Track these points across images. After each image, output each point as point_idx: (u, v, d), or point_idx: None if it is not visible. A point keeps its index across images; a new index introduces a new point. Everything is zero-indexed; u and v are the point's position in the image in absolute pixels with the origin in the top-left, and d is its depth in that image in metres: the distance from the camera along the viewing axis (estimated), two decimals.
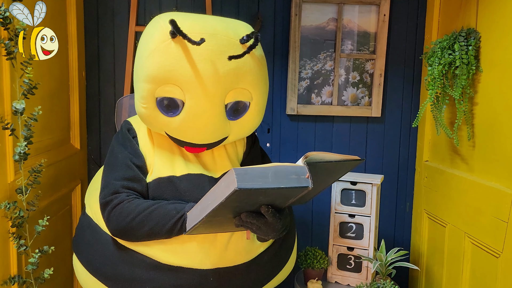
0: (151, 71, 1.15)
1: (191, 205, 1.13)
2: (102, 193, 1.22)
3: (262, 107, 1.28)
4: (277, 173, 0.91)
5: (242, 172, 0.88)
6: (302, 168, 0.94)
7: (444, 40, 1.73)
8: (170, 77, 1.13)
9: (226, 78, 1.14)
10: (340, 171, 1.19)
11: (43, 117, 1.53)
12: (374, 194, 1.79)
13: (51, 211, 1.64)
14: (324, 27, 2.10)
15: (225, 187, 0.90)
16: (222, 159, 1.32)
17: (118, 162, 1.25)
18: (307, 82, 2.13)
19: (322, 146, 2.18)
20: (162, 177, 1.22)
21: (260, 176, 0.89)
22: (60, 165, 1.74)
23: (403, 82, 2.17)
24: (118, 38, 2.07)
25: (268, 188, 0.89)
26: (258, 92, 1.23)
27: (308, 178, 0.92)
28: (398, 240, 2.25)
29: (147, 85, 1.16)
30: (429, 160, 2.09)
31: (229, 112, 1.21)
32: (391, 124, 2.19)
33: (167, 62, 1.12)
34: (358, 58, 2.13)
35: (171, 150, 1.28)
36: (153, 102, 1.18)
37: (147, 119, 1.23)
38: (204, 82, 1.12)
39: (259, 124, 1.31)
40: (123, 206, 1.16)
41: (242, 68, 1.16)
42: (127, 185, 1.20)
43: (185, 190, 1.21)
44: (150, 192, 1.22)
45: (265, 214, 1.00)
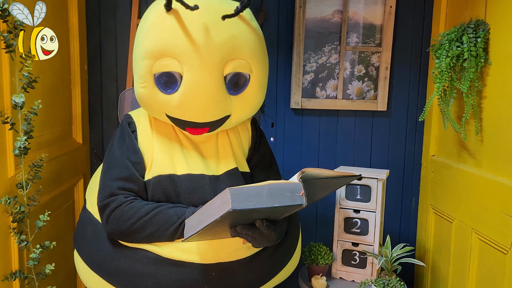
0: (148, 46, 1.14)
1: (191, 211, 1.13)
2: (99, 195, 1.21)
3: (263, 82, 1.25)
4: (272, 191, 0.93)
5: (237, 192, 0.91)
6: (297, 185, 0.96)
7: (452, 32, 1.69)
8: (167, 50, 1.12)
9: (223, 47, 1.12)
10: (336, 185, 1.21)
11: (44, 112, 1.53)
12: (380, 189, 1.76)
13: (53, 206, 1.63)
14: (329, 19, 2.07)
15: (220, 205, 0.93)
16: (226, 152, 1.29)
17: (115, 160, 1.23)
18: (312, 75, 2.10)
19: (327, 140, 2.16)
20: (162, 175, 1.20)
21: (254, 195, 0.92)
22: (62, 159, 1.73)
23: (410, 75, 2.14)
24: (120, 31, 2.05)
25: (262, 208, 0.92)
26: (257, 65, 1.20)
27: (303, 196, 0.94)
28: (403, 235, 2.22)
29: (144, 61, 1.15)
30: (435, 155, 2.06)
31: (229, 85, 1.18)
32: (397, 118, 2.16)
33: (163, 34, 1.12)
34: (364, 51, 2.09)
35: (171, 146, 1.26)
36: (151, 80, 1.16)
37: (146, 100, 1.20)
38: (200, 52, 1.11)
39: (261, 102, 1.28)
40: (122, 210, 1.15)
41: (239, 38, 1.15)
42: (123, 186, 1.19)
43: (186, 192, 1.20)
44: (150, 190, 1.20)
45: (260, 227, 1.03)
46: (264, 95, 1.28)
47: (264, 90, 1.27)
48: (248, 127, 1.39)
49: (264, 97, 1.28)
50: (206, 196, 1.20)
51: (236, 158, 1.31)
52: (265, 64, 1.25)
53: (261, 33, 1.24)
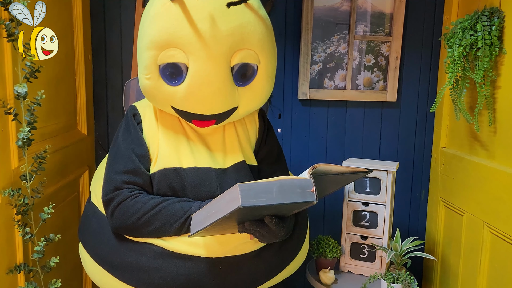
0: (152, 36, 1.11)
1: (197, 205, 1.11)
2: (103, 189, 1.18)
3: (271, 73, 1.21)
4: (282, 187, 0.92)
5: (247, 188, 0.89)
6: (308, 181, 0.94)
7: (465, 20, 1.64)
8: (172, 40, 1.08)
9: (230, 37, 1.09)
10: (346, 181, 1.19)
11: (48, 102, 1.51)
12: (390, 182, 1.73)
13: (58, 198, 1.62)
14: (337, 8, 2.02)
15: (229, 201, 0.91)
16: (233, 144, 1.26)
17: (120, 152, 1.21)
18: (320, 65, 2.06)
19: (335, 131, 2.13)
20: (168, 168, 1.18)
21: (264, 192, 0.90)
22: (66, 151, 1.71)
23: (420, 65, 2.09)
24: (125, 21, 2.02)
25: (272, 205, 0.91)
26: (265, 55, 1.16)
27: (314, 192, 0.93)
28: (412, 228, 2.19)
29: (149, 52, 1.12)
30: (446, 147, 2.02)
31: (236, 76, 1.14)
32: (407, 109, 2.12)
33: (168, 24, 1.09)
34: (373, 40, 2.05)
35: (177, 138, 1.23)
36: (156, 71, 1.13)
37: (151, 92, 1.17)
38: (206, 42, 1.07)
39: (269, 93, 1.24)
40: (127, 205, 1.13)
41: (247, 27, 1.11)
42: (128, 179, 1.16)
43: (192, 185, 1.17)
44: (155, 183, 1.18)
45: (268, 224, 1.01)
46: (272, 86, 1.24)
47: (272, 81, 1.23)
48: (256, 119, 1.35)
49: (272, 88, 1.25)
50: (213, 190, 1.17)
51: (243, 151, 1.27)
52: (273, 54, 1.20)
53: (270, 22, 1.20)
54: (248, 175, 1.23)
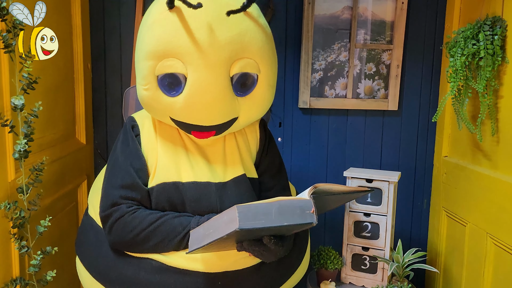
0: (150, 45, 1.08)
1: (196, 220, 1.10)
2: (101, 205, 1.16)
3: (272, 82, 1.19)
4: (281, 208, 0.91)
5: (245, 210, 0.88)
6: (308, 202, 0.93)
7: (467, 29, 1.62)
8: (170, 49, 1.06)
9: (229, 46, 1.06)
10: (347, 199, 1.17)
11: (46, 112, 1.50)
12: (391, 192, 1.71)
13: (56, 208, 1.60)
14: (338, 16, 2.01)
15: (227, 222, 0.90)
16: (233, 156, 1.24)
17: (117, 166, 1.19)
18: (321, 74, 2.05)
19: (336, 140, 2.11)
20: (167, 182, 1.16)
21: (263, 213, 0.89)
22: (65, 160, 1.69)
23: (422, 74, 2.08)
24: (124, 28, 2.01)
25: (270, 227, 0.90)
26: (265, 64, 1.14)
27: (313, 214, 0.92)
28: (414, 238, 2.17)
29: (147, 62, 1.09)
30: (448, 156, 2.00)
31: (236, 86, 1.12)
32: (409, 118, 2.10)
33: (166, 33, 1.06)
34: (374, 49, 2.03)
35: (176, 151, 1.21)
36: (154, 82, 1.11)
37: (149, 103, 1.15)
38: (205, 51, 1.04)
39: (270, 103, 1.22)
40: (126, 221, 1.11)
41: (246, 36, 1.08)
42: (125, 194, 1.14)
43: (191, 200, 1.15)
44: (153, 198, 1.15)
45: (267, 244, 0.99)
46: (273, 95, 1.22)
47: (273, 90, 1.21)
48: (256, 129, 1.33)
49: (273, 98, 1.22)
50: (212, 205, 1.16)
51: (244, 163, 1.25)
52: (274, 63, 1.18)
53: (270, 30, 1.18)
54: (248, 189, 1.21)
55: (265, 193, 1.27)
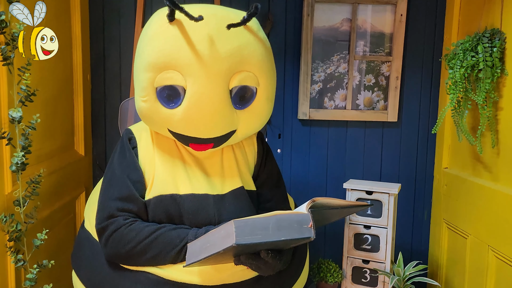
0: (149, 57, 1.08)
1: (194, 233, 1.08)
2: (97, 217, 1.15)
3: (271, 96, 1.19)
4: (279, 222, 0.90)
5: (242, 225, 0.87)
6: (306, 216, 0.92)
7: (466, 41, 1.63)
8: (169, 61, 1.06)
9: (229, 59, 1.06)
10: (346, 213, 1.17)
11: (44, 123, 1.49)
12: (391, 204, 1.69)
13: (54, 220, 1.58)
14: (337, 27, 2.02)
15: (224, 236, 0.89)
16: (231, 169, 1.23)
17: (114, 178, 1.17)
18: (320, 85, 2.05)
19: (336, 152, 2.11)
20: (164, 194, 1.14)
21: (260, 228, 0.88)
22: (63, 172, 1.68)
23: (421, 85, 2.08)
24: (124, 40, 2.01)
25: (267, 242, 0.89)
26: (264, 77, 1.13)
27: (311, 228, 0.91)
28: (415, 250, 2.15)
29: (146, 74, 1.09)
30: (448, 167, 1.99)
31: (235, 99, 1.11)
32: (408, 129, 2.10)
33: (165, 46, 1.06)
34: (373, 60, 2.04)
35: (173, 163, 1.20)
36: (153, 94, 1.10)
37: (148, 114, 1.14)
38: (204, 63, 1.04)
39: (268, 116, 1.22)
40: (122, 233, 1.09)
41: (246, 49, 1.08)
42: (122, 206, 1.13)
43: (189, 212, 1.14)
44: (150, 210, 1.14)
45: (265, 258, 0.98)
46: (271, 108, 1.22)
47: (271, 104, 1.21)
48: (254, 142, 1.32)
49: (271, 111, 1.22)
50: (210, 217, 1.14)
51: (242, 176, 1.24)
52: (272, 77, 1.18)
53: (269, 44, 1.18)
54: (246, 201, 1.20)
55: (263, 205, 1.26)
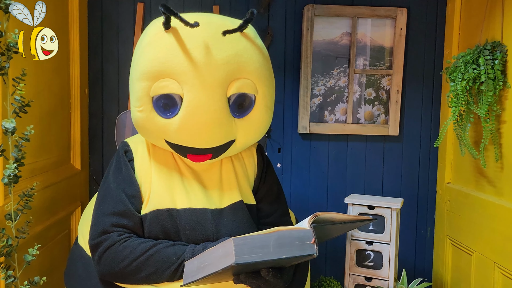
0: (144, 66, 1.05)
1: (191, 250, 1.04)
2: (90, 232, 1.10)
3: (270, 104, 1.16)
4: (280, 240, 0.87)
5: (241, 243, 0.84)
6: (308, 232, 0.88)
7: (467, 54, 1.61)
8: (165, 69, 1.03)
9: (226, 65, 1.03)
10: (350, 227, 1.14)
11: (40, 136, 1.46)
12: (394, 219, 1.65)
13: (47, 236, 1.54)
14: (337, 41, 2.01)
15: (223, 255, 0.86)
16: (230, 182, 1.19)
17: (109, 192, 1.13)
18: (320, 99, 2.03)
19: (336, 166, 2.08)
20: (160, 209, 1.10)
21: (260, 246, 0.85)
22: (58, 186, 1.64)
23: (422, 99, 2.07)
24: (122, 54, 2.00)
25: (268, 260, 0.86)
26: (263, 84, 1.11)
27: (314, 244, 0.87)
28: (418, 267, 2.10)
29: (141, 83, 1.06)
30: (451, 182, 1.96)
31: (233, 107, 1.08)
32: (410, 143, 2.08)
33: (161, 53, 1.03)
34: (374, 74, 2.03)
35: (170, 176, 1.16)
36: (149, 103, 1.07)
37: (144, 125, 1.11)
38: (201, 71, 1.02)
39: (267, 125, 1.19)
40: (116, 250, 1.05)
41: (243, 56, 1.06)
42: (117, 222, 1.09)
43: (186, 228, 1.09)
44: (146, 225, 1.10)
45: (265, 277, 0.94)
46: (271, 117, 1.19)
47: (271, 112, 1.18)
48: (254, 155, 1.29)
49: (271, 120, 1.19)
50: (208, 233, 1.10)
51: (241, 189, 1.21)
52: (271, 84, 1.16)
53: (266, 51, 1.16)
54: (246, 216, 1.16)
55: (263, 220, 1.22)
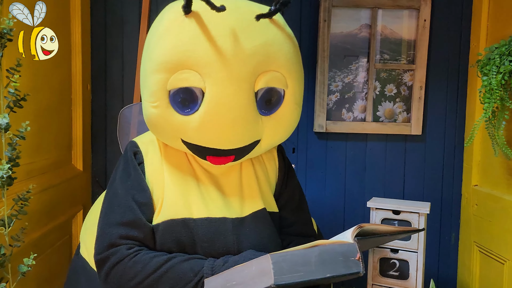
0: (162, 56, 0.93)
1: (210, 265, 0.92)
2: (96, 245, 0.99)
3: (299, 100, 1.04)
4: (322, 256, 0.79)
5: (280, 260, 0.76)
6: (352, 247, 0.80)
7: (502, 46, 1.49)
8: (185, 60, 0.91)
9: (255, 56, 0.92)
10: (390, 239, 1.07)
11: (37, 135, 1.37)
12: (422, 225, 1.53)
13: (46, 242, 1.44)
14: (356, 34, 1.91)
15: (257, 274, 0.78)
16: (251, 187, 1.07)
17: (117, 200, 1.02)
18: (337, 95, 1.93)
19: (354, 167, 1.97)
20: (175, 219, 0.98)
21: (302, 263, 0.77)
22: (58, 189, 1.54)
23: (446, 96, 1.95)
24: (127, 48, 1.90)
25: (311, 280, 0.78)
26: (293, 78, 0.99)
27: (359, 261, 0.79)
28: (442, 276, 1.98)
29: (157, 75, 0.94)
30: (478, 185, 1.84)
31: (261, 103, 0.97)
32: (433, 143, 1.97)
33: (181, 42, 0.91)
34: (395, 69, 1.92)
35: (185, 181, 1.04)
36: (165, 98, 0.95)
37: (158, 122, 0.99)
38: (227, 62, 0.90)
39: (295, 124, 1.07)
40: (125, 266, 0.93)
41: (273, 46, 0.94)
42: (126, 233, 0.97)
43: (203, 240, 0.98)
44: (158, 237, 0.98)
45: None
46: (299, 115, 1.07)
47: (300, 109, 1.06)
48: (275, 156, 1.17)
49: (299, 118, 1.07)
50: (229, 245, 0.98)
51: (264, 196, 1.09)
52: (301, 78, 1.04)
53: (296, 41, 1.04)
54: (269, 225, 1.04)
55: (285, 230, 1.10)
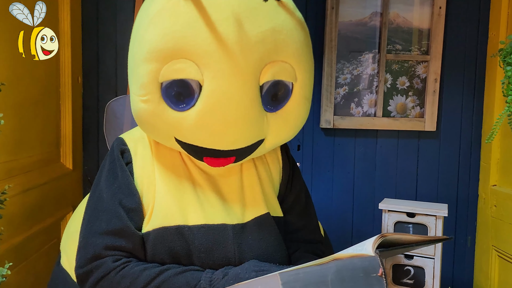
0: (153, 43, 0.82)
1: (208, 278, 0.82)
2: (78, 257, 0.89)
3: (308, 94, 0.93)
4: (340, 273, 0.70)
5: (291, 280, 0.69)
6: (373, 261, 0.70)
7: None
8: (181, 47, 0.80)
9: (261, 44, 0.81)
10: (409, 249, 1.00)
11: (19, 130, 1.27)
12: (439, 229, 1.44)
13: (31, 247, 1.35)
14: (366, 22, 1.84)
15: None
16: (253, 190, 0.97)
17: (102, 205, 0.91)
18: (346, 89, 1.85)
19: (364, 166, 1.90)
20: (168, 226, 0.88)
21: (316, 283, 0.68)
22: (44, 189, 1.44)
23: (463, 89, 1.87)
24: (121, 38, 1.81)
25: None
26: (303, 70, 0.88)
27: (382, 277, 0.69)
28: (457, 281, 1.90)
29: (148, 65, 0.83)
30: (497, 185, 1.75)
31: (266, 98, 0.86)
32: (448, 140, 1.89)
33: (176, 27, 0.80)
34: (408, 60, 1.84)
35: (180, 184, 0.93)
36: (156, 91, 0.84)
37: (148, 119, 0.88)
38: (229, 51, 0.78)
39: (304, 121, 0.97)
40: (112, 281, 0.84)
41: (281, 32, 0.83)
42: (112, 243, 0.87)
43: (200, 250, 0.87)
44: (149, 247, 0.88)
45: None
46: (308, 110, 0.96)
47: (309, 104, 0.95)
48: (278, 155, 1.07)
49: (307, 114, 0.96)
50: (229, 255, 0.88)
51: (267, 199, 0.98)
52: (312, 69, 0.93)
53: (307, 28, 0.93)
54: (274, 232, 0.94)
55: (290, 236, 1.00)
